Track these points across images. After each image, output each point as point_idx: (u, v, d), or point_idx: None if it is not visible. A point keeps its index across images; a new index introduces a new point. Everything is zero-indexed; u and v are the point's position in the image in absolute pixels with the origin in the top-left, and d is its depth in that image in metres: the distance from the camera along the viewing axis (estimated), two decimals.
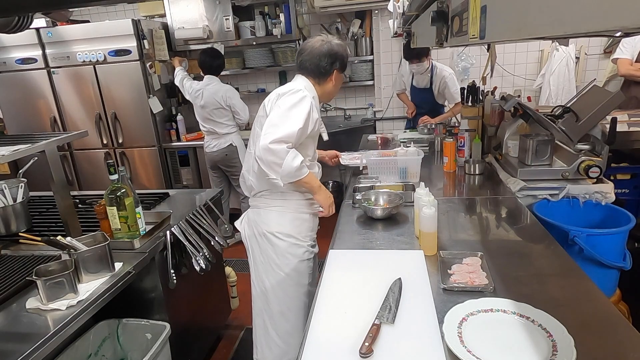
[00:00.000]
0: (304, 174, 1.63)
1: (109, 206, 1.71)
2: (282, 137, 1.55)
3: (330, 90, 1.81)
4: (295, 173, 1.59)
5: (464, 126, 2.64)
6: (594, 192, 1.94)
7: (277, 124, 1.57)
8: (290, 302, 1.82)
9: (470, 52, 3.97)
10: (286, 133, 1.56)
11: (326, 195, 1.75)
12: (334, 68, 1.75)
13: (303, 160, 1.60)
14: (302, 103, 1.61)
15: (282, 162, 1.55)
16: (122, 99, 3.81)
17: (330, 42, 1.73)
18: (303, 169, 1.61)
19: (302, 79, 1.77)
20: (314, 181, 1.70)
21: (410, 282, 1.31)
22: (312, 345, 1.07)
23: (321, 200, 1.74)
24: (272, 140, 1.54)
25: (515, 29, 0.70)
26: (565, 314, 1.06)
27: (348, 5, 3.69)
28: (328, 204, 1.76)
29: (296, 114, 1.59)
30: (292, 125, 1.57)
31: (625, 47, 3.30)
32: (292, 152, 1.57)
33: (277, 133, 1.55)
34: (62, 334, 1.29)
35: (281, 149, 1.55)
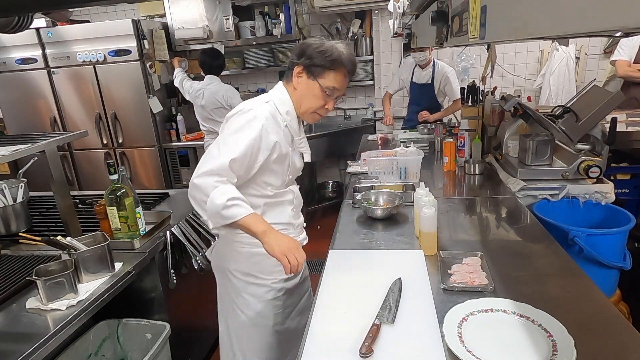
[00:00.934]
0: (235, 216, 1.23)
1: (109, 206, 1.71)
2: (212, 170, 1.26)
3: (298, 99, 1.42)
4: (221, 213, 1.23)
5: (464, 126, 2.64)
6: (594, 192, 1.94)
7: (212, 155, 1.30)
8: (253, 345, 1.54)
9: (470, 52, 3.97)
10: (217, 165, 1.27)
11: (278, 242, 1.24)
12: (295, 62, 1.38)
13: (238, 196, 1.26)
14: (247, 128, 1.31)
15: (206, 198, 1.25)
16: (122, 99, 3.81)
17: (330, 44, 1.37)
18: (232, 208, 1.23)
19: (278, 87, 1.46)
20: (255, 224, 1.26)
21: (410, 282, 1.31)
22: (312, 345, 1.07)
23: (272, 251, 1.24)
24: (200, 174, 1.27)
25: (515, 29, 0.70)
26: (565, 314, 1.06)
27: (348, 5, 3.69)
28: (280, 252, 1.23)
29: (236, 142, 1.29)
30: (226, 154, 1.28)
31: (623, 48, 3.30)
32: (220, 188, 1.25)
33: (207, 165, 1.28)
34: (62, 334, 1.29)
35: (208, 183, 1.25)
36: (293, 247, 1.25)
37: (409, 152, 2.38)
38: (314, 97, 1.40)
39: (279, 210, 1.49)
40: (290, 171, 1.47)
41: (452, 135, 2.56)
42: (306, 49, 1.36)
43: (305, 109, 1.42)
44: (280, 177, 1.44)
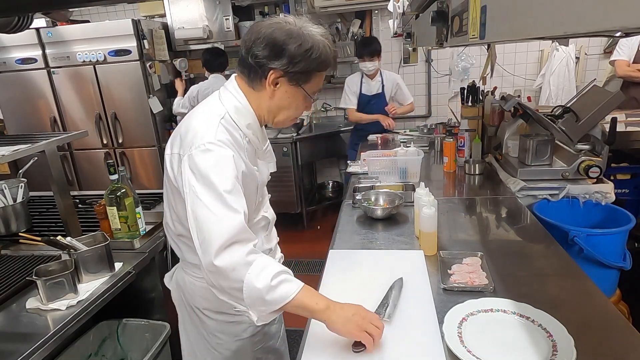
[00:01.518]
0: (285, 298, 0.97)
1: (109, 206, 1.71)
2: (231, 236, 0.97)
3: (267, 106, 1.11)
4: (265, 299, 0.96)
5: (464, 126, 2.64)
6: (594, 192, 1.94)
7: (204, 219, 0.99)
8: None
9: (470, 52, 3.97)
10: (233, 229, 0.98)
11: (347, 316, 1.00)
12: (271, 66, 1.04)
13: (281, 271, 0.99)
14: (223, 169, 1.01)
15: (241, 285, 0.96)
16: (122, 99, 3.81)
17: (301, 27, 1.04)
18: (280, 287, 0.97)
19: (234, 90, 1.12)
20: (312, 301, 1.00)
21: (410, 282, 1.31)
22: (312, 344, 1.07)
23: (342, 330, 1.00)
24: (218, 249, 0.96)
25: (515, 29, 0.70)
26: (565, 314, 1.07)
27: (348, 5, 3.69)
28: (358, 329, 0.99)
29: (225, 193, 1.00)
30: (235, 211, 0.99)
31: (622, 48, 3.30)
32: (256, 264, 0.97)
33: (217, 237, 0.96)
34: (62, 334, 1.28)
35: (236, 262, 0.96)
36: (367, 315, 1.01)
37: (409, 152, 2.38)
38: (297, 106, 1.13)
39: None
40: (259, 193, 1.21)
41: (452, 135, 2.56)
42: (284, 48, 1.02)
43: (283, 118, 1.15)
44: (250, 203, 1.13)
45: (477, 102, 2.82)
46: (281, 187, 3.92)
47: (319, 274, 1.44)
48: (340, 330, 0.99)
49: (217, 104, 1.12)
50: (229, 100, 1.11)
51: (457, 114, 3.66)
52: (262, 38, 1.03)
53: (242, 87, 1.12)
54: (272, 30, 1.03)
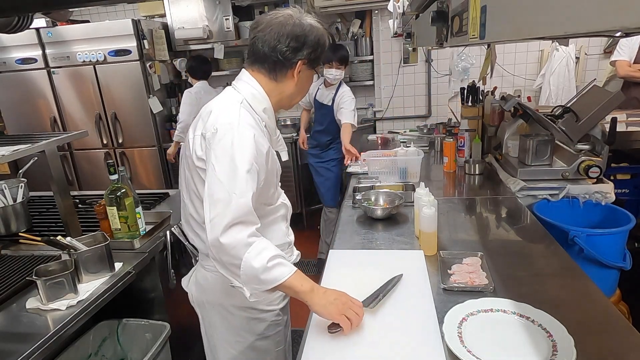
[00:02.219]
0: (278, 278, 1.05)
1: (109, 206, 1.71)
2: (236, 218, 1.03)
3: (290, 93, 1.23)
4: (260, 278, 1.04)
5: (464, 126, 2.64)
6: (594, 192, 1.94)
7: (220, 197, 1.04)
8: None
9: (470, 52, 3.97)
10: (239, 211, 1.04)
11: (329, 300, 1.08)
12: (298, 57, 1.16)
13: (277, 255, 1.07)
14: (244, 148, 1.07)
15: (240, 262, 1.03)
16: (122, 99, 3.81)
17: (300, 18, 1.15)
18: (274, 269, 1.05)
19: (248, 80, 1.20)
20: (299, 283, 1.08)
21: (410, 282, 1.31)
22: (312, 344, 1.07)
23: (327, 313, 1.07)
24: (224, 227, 1.02)
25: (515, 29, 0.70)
26: (565, 314, 1.07)
27: (348, 5, 3.69)
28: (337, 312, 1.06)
29: (244, 172, 1.06)
30: (244, 193, 1.05)
31: (622, 48, 3.30)
32: (255, 245, 1.04)
33: (225, 216, 1.03)
34: (62, 334, 1.28)
35: (238, 241, 1.03)
36: (347, 302, 1.08)
37: (409, 152, 2.38)
38: (308, 85, 1.28)
39: (274, 229, 1.30)
40: (277, 176, 1.28)
41: (452, 135, 2.56)
42: (305, 40, 1.15)
43: (296, 101, 1.29)
44: (270, 190, 1.24)
45: (477, 102, 2.82)
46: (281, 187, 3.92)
47: (318, 274, 1.44)
48: (321, 312, 1.08)
49: (234, 93, 1.20)
50: (245, 88, 1.20)
51: (457, 114, 3.66)
52: (285, 35, 1.13)
53: (260, 79, 1.20)
54: (290, 26, 1.14)
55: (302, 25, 1.15)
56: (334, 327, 1.07)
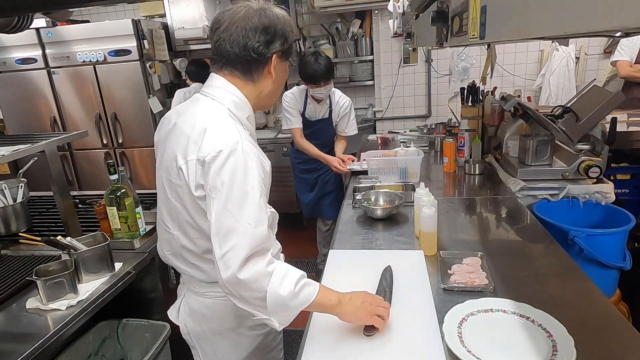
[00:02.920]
0: (307, 300, 0.99)
1: (109, 206, 1.71)
2: (254, 249, 0.95)
3: (269, 90, 1.13)
4: (289, 305, 0.97)
5: (464, 126, 2.64)
6: (594, 192, 1.94)
7: (232, 230, 0.94)
8: None
9: (470, 52, 3.97)
10: (255, 241, 0.95)
11: (357, 305, 1.06)
12: (272, 51, 1.06)
13: (300, 277, 1.00)
14: (251, 171, 0.98)
15: (264, 294, 0.95)
16: (122, 99, 3.81)
17: (263, 9, 1.05)
18: (301, 293, 0.98)
19: (224, 86, 1.08)
20: (327, 298, 1.03)
21: (410, 282, 1.31)
22: (312, 344, 1.07)
23: (354, 320, 1.06)
24: (243, 261, 0.93)
25: (515, 29, 0.70)
26: (565, 314, 1.07)
27: (348, 5, 3.69)
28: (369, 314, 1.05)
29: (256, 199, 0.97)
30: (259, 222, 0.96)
31: (623, 48, 3.30)
32: (276, 273, 0.97)
33: (242, 249, 0.93)
34: (62, 334, 1.29)
35: (259, 273, 0.95)
36: (373, 301, 1.07)
37: (409, 152, 2.38)
38: (285, 78, 1.17)
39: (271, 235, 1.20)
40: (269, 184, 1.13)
41: (452, 135, 2.56)
42: (275, 30, 1.05)
43: (275, 98, 1.18)
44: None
45: (477, 102, 2.82)
46: (281, 187, 3.92)
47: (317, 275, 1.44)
48: (352, 320, 1.05)
49: (213, 103, 1.07)
50: (224, 96, 1.07)
51: (457, 114, 3.66)
52: (253, 29, 1.02)
53: (236, 83, 1.08)
54: (256, 18, 1.03)
55: (267, 15, 1.04)
56: (370, 329, 1.06)
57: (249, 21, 1.02)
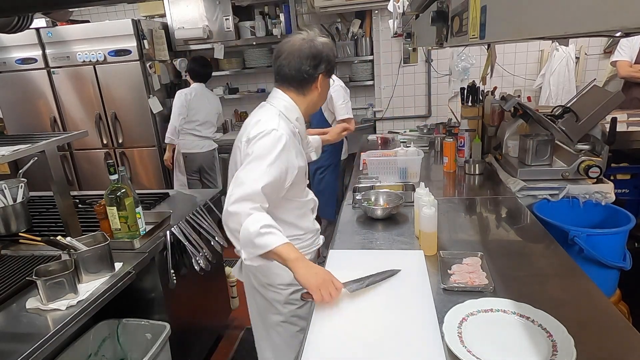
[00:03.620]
0: (268, 245, 1.21)
1: (109, 206, 1.71)
2: (245, 195, 1.25)
3: (316, 101, 1.50)
4: (254, 242, 1.21)
5: (464, 126, 2.64)
6: (594, 192, 1.94)
7: (242, 180, 1.28)
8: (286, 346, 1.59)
9: (470, 52, 3.97)
10: (250, 190, 1.26)
11: (312, 272, 1.21)
12: (318, 72, 1.43)
13: (271, 223, 1.25)
14: (274, 149, 1.31)
15: (240, 227, 1.24)
16: (122, 99, 3.81)
17: (312, 40, 1.41)
18: (266, 236, 1.21)
19: (281, 97, 1.46)
20: (285, 253, 1.22)
21: (410, 282, 1.31)
22: (312, 344, 1.07)
23: (307, 282, 1.20)
24: (234, 201, 1.25)
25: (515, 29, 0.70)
26: (565, 314, 1.07)
27: (348, 5, 3.69)
28: (315, 285, 1.19)
29: (266, 166, 1.29)
30: (258, 180, 1.27)
31: (623, 49, 3.29)
32: (254, 215, 1.24)
33: (239, 191, 1.26)
34: (62, 334, 1.29)
35: (242, 210, 1.24)
36: (327, 280, 1.20)
37: (409, 152, 2.38)
38: (327, 90, 1.55)
39: (306, 219, 1.57)
40: (306, 174, 1.53)
41: (452, 135, 2.56)
42: (322, 57, 1.42)
43: (320, 105, 1.57)
44: (301, 188, 1.51)
45: (477, 102, 2.82)
46: None
47: None
48: (301, 281, 1.21)
49: (270, 107, 1.46)
50: (279, 103, 1.46)
51: (457, 114, 3.66)
52: (305, 57, 1.40)
53: (290, 95, 1.46)
54: (307, 49, 1.40)
55: (315, 46, 1.40)
56: (308, 296, 1.20)
57: (302, 52, 1.40)
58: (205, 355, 2.37)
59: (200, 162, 3.73)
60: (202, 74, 3.67)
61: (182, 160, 3.68)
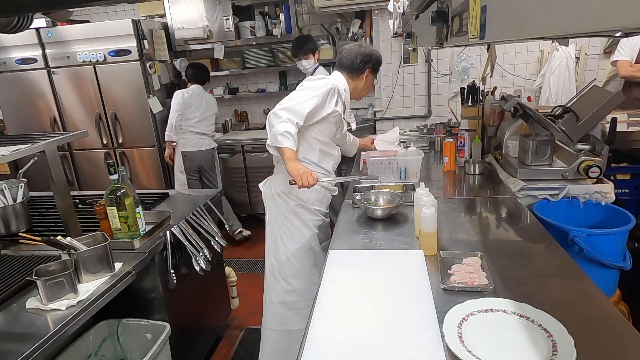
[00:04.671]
0: (281, 142, 1.73)
1: (109, 206, 1.71)
2: (289, 108, 1.77)
3: (361, 88, 2.06)
4: (276, 137, 1.73)
5: (464, 126, 2.64)
6: (594, 192, 1.94)
7: (292, 97, 1.83)
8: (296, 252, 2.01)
9: (470, 52, 3.97)
10: (293, 107, 1.77)
11: (297, 167, 1.76)
12: (366, 67, 2.00)
13: (293, 133, 1.74)
14: (321, 88, 1.85)
15: (274, 126, 1.75)
16: (122, 99, 3.81)
17: (367, 46, 2.06)
18: (284, 138, 1.72)
19: (338, 73, 2.03)
20: (288, 154, 1.75)
21: (410, 282, 1.31)
22: (312, 344, 1.07)
23: (289, 170, 1.76)
24: (282, 108, 1.77)
25: (515, 29, 0.70)
26: (565, 314, 1.07)
27: (348, 5, 3.69)
28: (297, 174, 1.73)
29: (311, 95, 1.82)
30: (303, 104, 1.79)
31: (623, 48, 3.29)
32: (287, 124, 1.74)
33: (286, 103, 1.79)
34: (62, 334, 1.29)
35: (282, 117, 1.75)
36: (307, 173, 1.73)
37: (409, 152, 2.38)
38: (371, 86, 2.12)
39: (327, 159, 2.04)
40: (339, 130, 2.10)
41: (452, 135, 2.56)
42: (371, 56, 2.02)
43: (363, 94, 2.13)
44: (333, 130, 2.02)
45: (477, 102, 2.81)
46: None
47: None
48: (288, 170, 1.75)
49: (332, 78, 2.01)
50: (337, 77, 2.03)
51: (457, 114, 3.66)
52: (360, 54, 2.00)
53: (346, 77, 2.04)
54: (362, 49, 2.02)
55: (368, 50, 2.03)
56: (293, 181, 1.75)
57: (358, 50, 2.01)
58: (205, 355, 2.37)
59: (199, 161, 3.73)
60: (201, 78, 3.75)
61: (182, 159, 3.70)
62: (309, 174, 1.73)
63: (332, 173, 2.08)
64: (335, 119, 1.96)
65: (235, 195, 4.10)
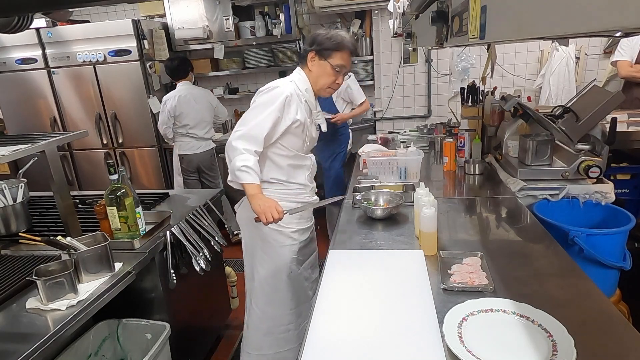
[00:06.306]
0: (240, 179, 1.60)
1: (109, 206, 1.71)
2: (244, 135, 1.62)
3: (316, 79, 1.76)
4: (235, 174, 1.61)
5: (464, 126, 2.64)
6: (594, 192, 1.94)
7: (245, 120, 1.66)
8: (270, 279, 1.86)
9: (470, 52, 3.97)
10: (248, 133, 1.62)
11: (259, 203, 1.60)
12: (309, 51, 1.73)
13: (252, 166, 1.59)
14: (274, 100, 1.66)
15: (231, 159, 1.63)
16: (122, 99, 3.81)
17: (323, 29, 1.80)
18: (243, 173, 1.58)
19: (297, 71, 1.81)
20: (249, 190, 1.62)
21: (410, 282, 1.31)
22: (311, 344, 1.07)
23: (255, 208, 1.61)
24: (237, 137, 1.63)
25: (515, 29, 0.70)
26: (565, 314, 1.07)
27: (348, 5, 3.69)
28: (260, 210, 1.58)
29: (265, 113, 1.64)
30: (258, 127, 1.63)
31: (623, 48, 3.29)
32: (244, 155, 1.60)
33: (241, 130, 1.63)
34: (62, 334, 1.29)
35: (238, 148, 1.61)
36: (270, 208, 1.58)
37: (409, 152, 2.38)
38: (327, 75, 1.75)
39: (299, 172, 1.84)
40: (307, 139, 1.82)
41: (452, 135, 2.56)
42: (316, 37, 1.73)
43: (320, 86, 1.78)
44: (299, 142, 1.79)
45: (477, 102, 2.82)
46: None
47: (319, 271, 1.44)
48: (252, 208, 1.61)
49: (289, 77, 1.79)
50: (296, 75, 1.79)
51: (457, 114, 3.66)
52: (309, 38, 1.76)
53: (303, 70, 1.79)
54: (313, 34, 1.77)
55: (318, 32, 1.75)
56: (257, 219, 1.59)
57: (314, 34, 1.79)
58: (205, 355, 2.37)
59: (197, 163, 3.69)
60: (181, 70, 3.47)
61: (179, 162, 3.64)
62: (273, 209, 1.57)
63: (309, 184, 1.91)
64: (299, 129, 1.73)
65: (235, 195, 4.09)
